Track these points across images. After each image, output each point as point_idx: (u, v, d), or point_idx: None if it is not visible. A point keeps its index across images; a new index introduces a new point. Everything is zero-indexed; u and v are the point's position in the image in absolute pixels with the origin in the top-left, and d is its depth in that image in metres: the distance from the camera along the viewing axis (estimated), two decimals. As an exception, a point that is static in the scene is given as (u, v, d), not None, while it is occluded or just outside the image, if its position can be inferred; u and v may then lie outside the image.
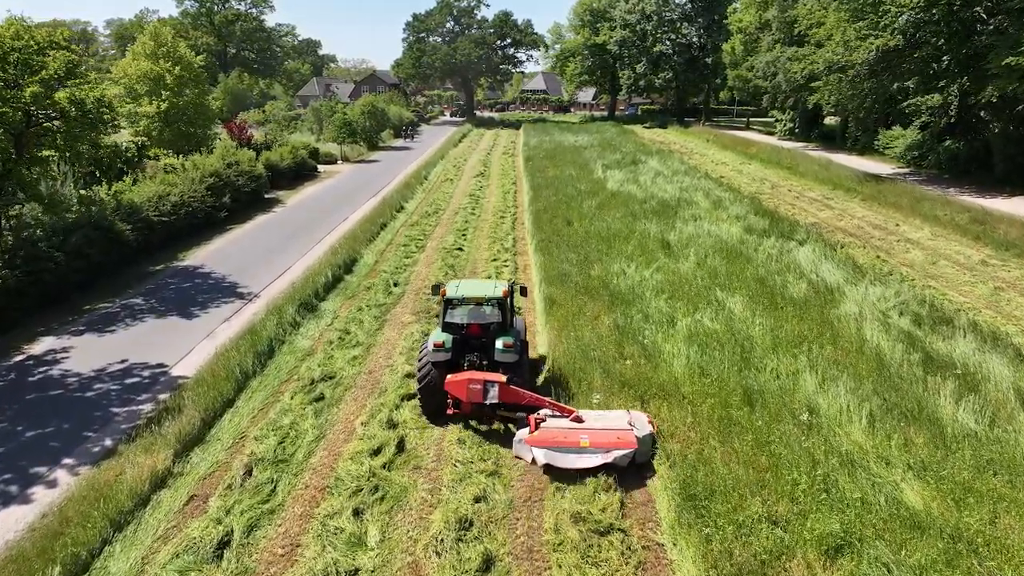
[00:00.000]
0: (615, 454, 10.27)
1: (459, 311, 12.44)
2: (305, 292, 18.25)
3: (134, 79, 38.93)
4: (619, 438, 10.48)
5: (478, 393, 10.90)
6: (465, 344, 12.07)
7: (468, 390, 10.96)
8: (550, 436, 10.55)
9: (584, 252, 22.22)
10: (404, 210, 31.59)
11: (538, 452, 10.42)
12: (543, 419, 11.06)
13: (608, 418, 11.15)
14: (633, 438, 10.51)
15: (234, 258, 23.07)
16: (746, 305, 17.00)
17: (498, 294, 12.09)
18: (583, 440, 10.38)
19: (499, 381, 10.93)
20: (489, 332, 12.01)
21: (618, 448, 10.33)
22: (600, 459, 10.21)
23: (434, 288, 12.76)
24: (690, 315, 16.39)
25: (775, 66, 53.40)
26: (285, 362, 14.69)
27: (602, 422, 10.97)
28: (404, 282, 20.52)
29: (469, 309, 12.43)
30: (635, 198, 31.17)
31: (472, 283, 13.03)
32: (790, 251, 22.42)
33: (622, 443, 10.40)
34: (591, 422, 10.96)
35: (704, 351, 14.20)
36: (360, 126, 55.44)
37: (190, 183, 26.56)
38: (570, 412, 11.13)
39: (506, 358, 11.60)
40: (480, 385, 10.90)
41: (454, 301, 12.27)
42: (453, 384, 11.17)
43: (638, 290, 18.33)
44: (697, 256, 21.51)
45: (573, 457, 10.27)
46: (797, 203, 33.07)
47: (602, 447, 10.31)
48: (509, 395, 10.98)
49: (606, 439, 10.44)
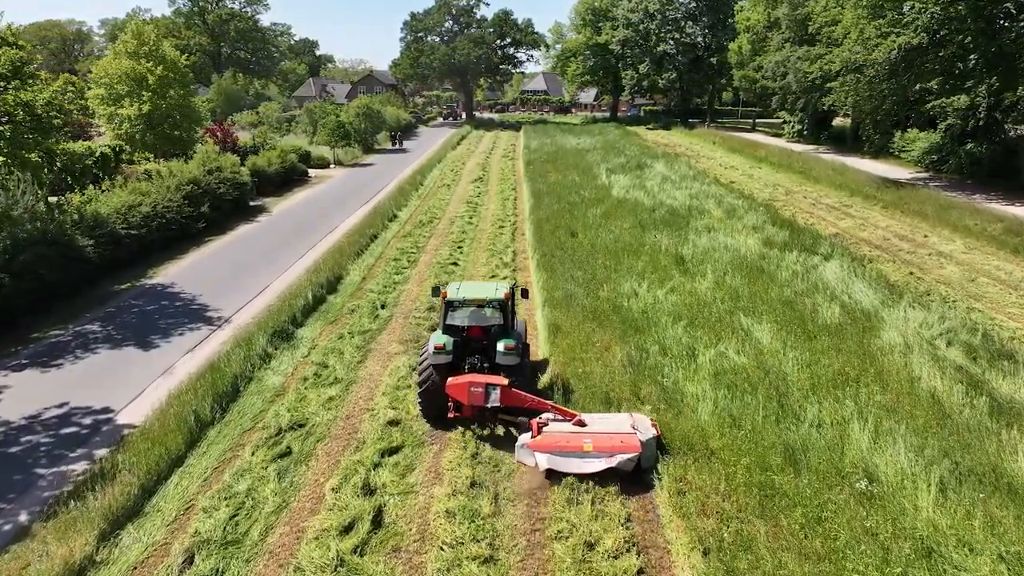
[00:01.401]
0: (619, 458, 10.11)
1: (460, 313, 12.31)
2: (280, 318, 16.33)
3: (115, 79, 37.04)
4: (623, 442, 10.30)
5: (479, 396, 10.76)
6: (466, 346, 11.96)
7: (469, 393, 10.79)
8: (553, 441, 10.36)
9: (591, 268, 20.34)
10: (397, 219, 29.66)
11: (541, 457, 10.24)
12: (545, 423, 10.84)
13: (611, 421, 10.98)
14: (637, 442, 10.31)
15: (208, 275, 21.15)
16: (775, 334, 15.11)
17: (500, 296, 11.94)
18: (586, 444, 10.23)
19: (501, 384, 10.79)
20: (490, 335, 11.94)
21: (622, 452, 10.16)
22: (604, 463, 10.07)
23: (434, 290, 12.53)
24: (713, 346, 14.48)
25: (785, 66, 51.51)
26: (250, 405, 12.78)
27: (605, 426, 10.79)
28: (393, 303, 18.61)
29: (470, 311, 12.32)
30: (643, 206, 29.27)
31: (473, 285, 12.83)
32: (815, 267, 20.53)
33: (626, 447, 10.22)
34: (594, 426, 10.78)
35: (733, 394, 12.29)
36: (355, 128, 53.53)
37: (165, 191, 24.64)
38: (572, 415, 10.95)
39: (508, 361, 11.50)
40: (482, 388, 10.75)
41: (455, 303, 12.12)
42: (454, 387, 10.97)
43: (652, 315, 16.42)
44: (715, 273, 19.61)
45: (577, 462, 10.13)
46: (814, 211, 31.16)
47: (606, 451, 10.16)
48: (511, 398, 10.86)
49: (610, 443, 10.27)
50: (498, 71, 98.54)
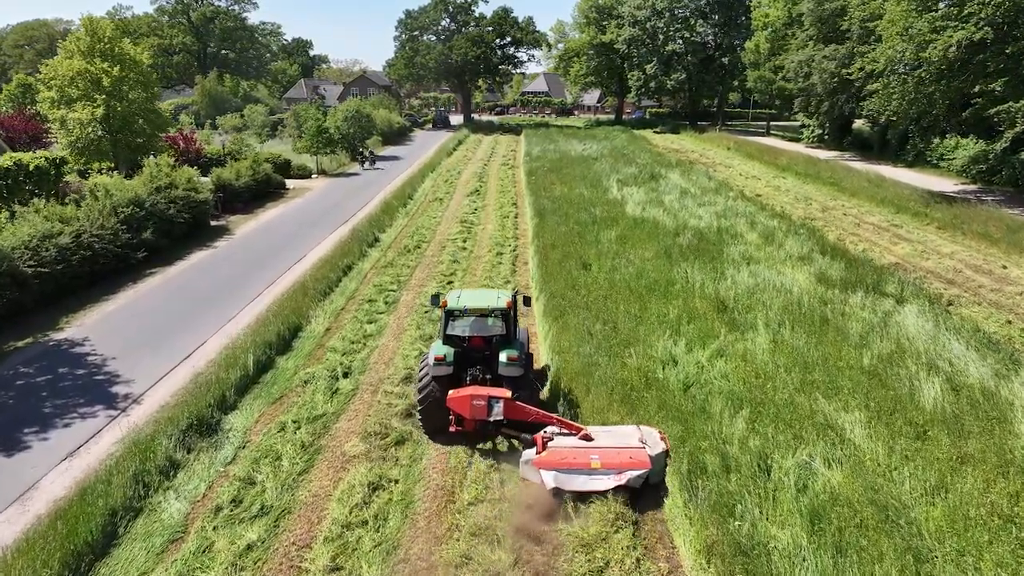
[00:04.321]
0: (628, 475, 9.66)
1: (460, 323, 11.94)
2: (202, 402, 12.19)
3: (65, 81, 32.95)
4: (632, 457, 9.86)
5: (482, 410, 10.40)
6: (467, 357, 11.58)
7: (471, 407, 10.42)
8: (559, 457, 9.92)
9: (611, 316, 16.27)
10: (378, 244, 25.50)
11: (547, 475, 9.77)
12: (550, 437, 10.36)
13: (618, 435, 10.56)
14: (646, 457, 9.88)
15: (134, 326, 16.96)
16: (871, 430, 11.04)
17: (502, 305, 11.50)
18: (594, 461, 9.77)
19: (504, 397, 10.46)
20: (492, 344, 11.58)
21: (631, 469, 9.71)
22: (613, 481, 9.62)
23: (434, 298, 12.24)
24: (791, 452, 10.40)
25: (809, 66, 47.38)
26: (128, 561, 8.68)
27: (612, 439, 10.36)
28: (360, 368, 14.50)
29: (472, 321, 11.97)
30: (664, 228, 25.18)
31: (474, 293, 12.47)
32: (889, 314, 16.48)
33: (635, 463, 9.79)
34: (601, 440, 10.35)
35: (842, 551, 8.23)
36: (342, 134, 49.38)
37: (97, 216, 20.53)
38: (578, 429, 10.51)
39: (511, 372, 11.12)
40: (484, 401, 10.40)
41: (455, 312, 11.70)
42: (456, 400, 10.61)
43: (699, 396, 12.36)
44: (768, 325, 15.54)
45: (584, 479, 9.67)
46: (860, 232, 27.07)
47: (614, 468, 9.71)
48: (514, 411, 10.50)
49: (618, 459, 9.82)
50: (497, 72, 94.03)
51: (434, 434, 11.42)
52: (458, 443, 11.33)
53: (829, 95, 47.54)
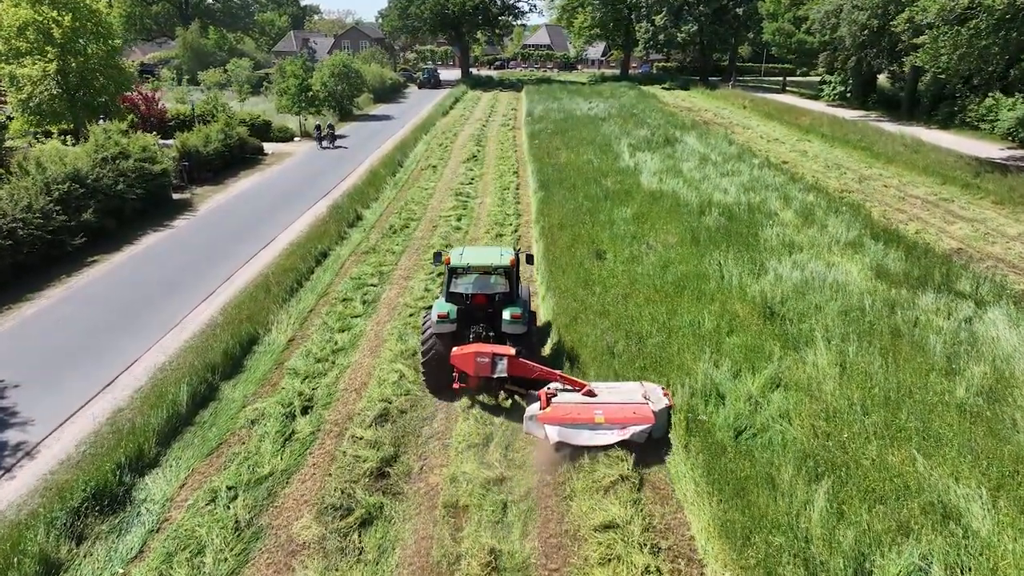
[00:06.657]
0: (632, 430, 9.63)
1: (463, 280, 11.80)
2: (109, 461, 9.32)
3: (12, 32, 29.31)
4: (635, 412, 9.82)
5: (486, 367, 10.30)
6: (470, 315, 11.49)
7: (475, 363, 10.33)
8: (563, 412, 9.86)
9: (634, 325, 13.30)
10: (360, 223, 22.32)
11: (551, 429, 9.73)
12: (554, 393, 10.34)
13: (621, 391, 10.44)
14: (650, 412, 9.83)
15: (53, 338, 13.88)
16: (996, 513, 8.20)
17: (505, 263, 11.42)
18: (598, 416, 9.73)
19: (507, 354, 10.33)
20: (495, 302, 11.50)
21: (635, 424, 9.68)
22: (616, 435, 9.61)
23: (436, 256, 12.14)
24: (895, 549, 7.60)
25: (836, 16, 43.33)
26: None
27: (615, 395, 10.29)
28: (323, 399, 11.61)
29: (474, 278, 11.85)
30: (687, 204, 21.99)
31: (477, 250, 12.35)
32: (972, 322, 13.53)
33: (639, 418, 9.75)
34: (604, 396, 10.25)
35: None
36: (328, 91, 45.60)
37: (23, 194, 17.38)
38: (582, 385, 10.39)
39: (514, 329, 11.08)
40: (488, 358, 10.28)
41: (459, 270, 11.58)
42: (459, 357, 10.51)
43: (758, 448, 9.52)
44: (828, 339, 12.58)
45: (588, 434, 9.66)
46: (907, 208, 23.93)
47: (618, 423, 9.68)
48: (518, 368, 10.38)
49: (622, 414, 9.78)
50: (497, 23, 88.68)
51: (437, 392, 11.53)
52: (447, 524, 8.51)
53: (858, 49, 43.61)
